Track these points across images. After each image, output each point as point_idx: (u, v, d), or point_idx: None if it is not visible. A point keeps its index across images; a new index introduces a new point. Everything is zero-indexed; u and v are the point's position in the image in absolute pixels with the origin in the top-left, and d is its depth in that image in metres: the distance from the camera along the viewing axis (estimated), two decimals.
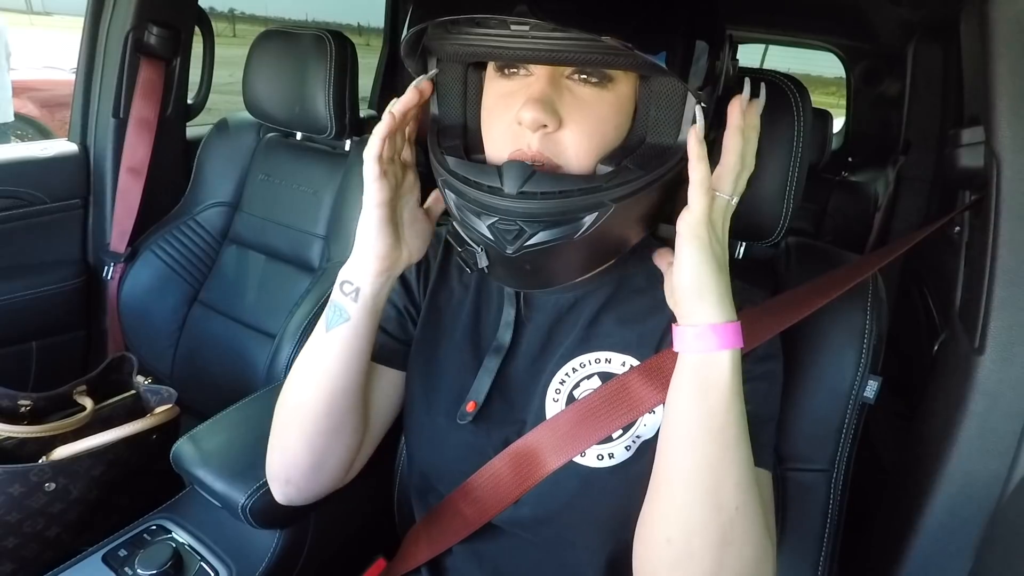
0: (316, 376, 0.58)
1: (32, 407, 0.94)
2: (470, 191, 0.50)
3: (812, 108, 0.63)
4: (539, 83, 0.49)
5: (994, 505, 0.64)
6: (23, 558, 0.82)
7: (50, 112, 3.66)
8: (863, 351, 0.63)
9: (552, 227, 0.48)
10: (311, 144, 1.30)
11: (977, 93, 0.70)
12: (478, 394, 0.60)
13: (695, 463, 0.47)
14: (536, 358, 0.60)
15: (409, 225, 0.58)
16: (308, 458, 0.60)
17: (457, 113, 0.58)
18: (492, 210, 0.49)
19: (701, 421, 0.47)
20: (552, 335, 0.60)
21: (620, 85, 0.50)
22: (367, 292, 0.56)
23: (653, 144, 0.51)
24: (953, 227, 0.95)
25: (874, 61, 2.52)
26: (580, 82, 0.50)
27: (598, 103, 0.50)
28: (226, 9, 19.27)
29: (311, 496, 0.64)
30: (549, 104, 0.48)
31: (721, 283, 0.48)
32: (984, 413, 0.63)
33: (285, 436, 0.61)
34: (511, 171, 0.48)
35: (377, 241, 0.55)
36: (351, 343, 0.57)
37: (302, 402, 0.59)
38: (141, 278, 1.31)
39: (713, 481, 0.47)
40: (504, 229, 0.49)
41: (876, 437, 1.13)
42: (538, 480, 0.56)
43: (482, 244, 0.52)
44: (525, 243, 0.49)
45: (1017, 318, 0.61)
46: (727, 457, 0.47)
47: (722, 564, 0.47)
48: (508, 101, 0.51)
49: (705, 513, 0.47)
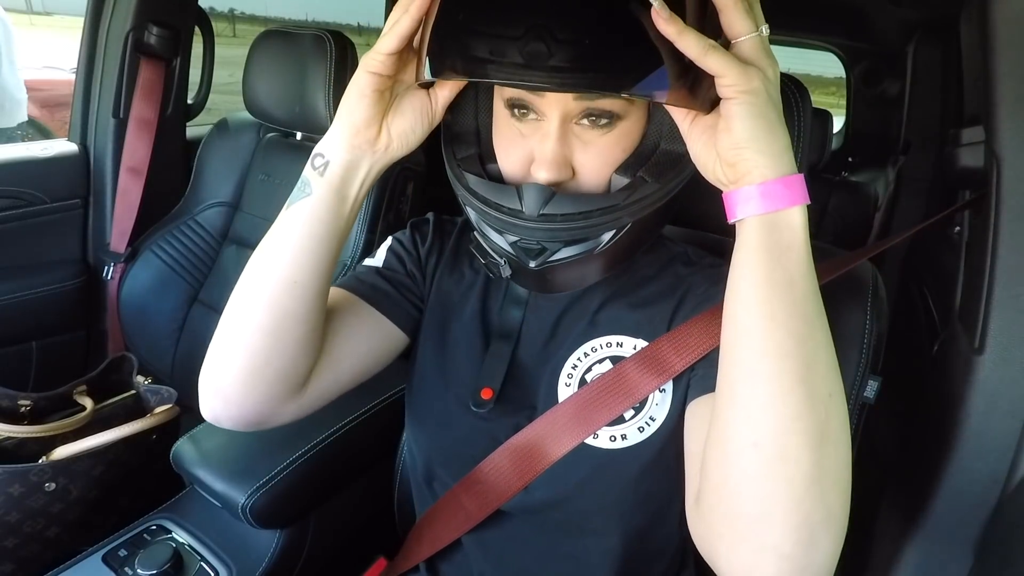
0: (265, 262, 0.53)
1: (32, 407, 0.94)
2: (490, 211, 0.51)
3: (812, 108, 0.63)
4: (551, 139, 0.49)
5: (994, 505, 0.64)
6: (23, 558, 0.82)
7: (50, 112, 3.65)
8: (863, 351, 0.63)
9: (572, 244, 0.50)
10: (311, 144, 1.29)
11: (977, 93, 0.70)
12: (494, 380, 0.60)
13: (780, 345, 0.40)
14: (546, 343, 0.61)
15: (396, 108, 0.53)
16: (244, 361, 0.53)
17: (469, 119, 0.58)
18: (513, 229, 0.50)
19: (781, 293, 0.40)
20: (561, 321, 0.61)
21: (630, 115, 0.51)
22: (336, 165, 0.52)
23: (667, 151, 0.52)
24: (953, 227, 0.95)
25: (874, 61, 2.52)
26: (588, 127, 0.50)
27: (607, 142, 0.51)
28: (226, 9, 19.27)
29: (243, 419, 0.56)
30: (562, 161, 0.50)
31: (781, 135, 0.42)
32: (984, 413, 0.63)
33: (223, 333, 0.55)
34: (530, 193, 0.49)
35: (357, 109, 0.51)
36: (309, 223, 0.52)
37: (247, 291, 0.54)
38: (141, 278, 1.31)
39: (802, 364, 0.40)
40: (525, 247, 0.51)
41: (876, 437, 1.13)
42: (539, 472, 0.56)
43: (504, 257, 0.54)
44: (548, 259, 0.51)
45: (1017, 318, 0.61)
46: (814, 334, 0.41)
47: (822, 466, 0.39)
48: (521, 141, 0.52)
49: (799, 400, 0.39)
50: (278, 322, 0.53)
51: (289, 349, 0.54)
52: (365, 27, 13.72)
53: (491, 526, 0.61)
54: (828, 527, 0.40)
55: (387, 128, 0.53)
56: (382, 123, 0.53)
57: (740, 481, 0.40)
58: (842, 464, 0.41)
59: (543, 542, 0.60)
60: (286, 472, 0.72)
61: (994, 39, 0.60)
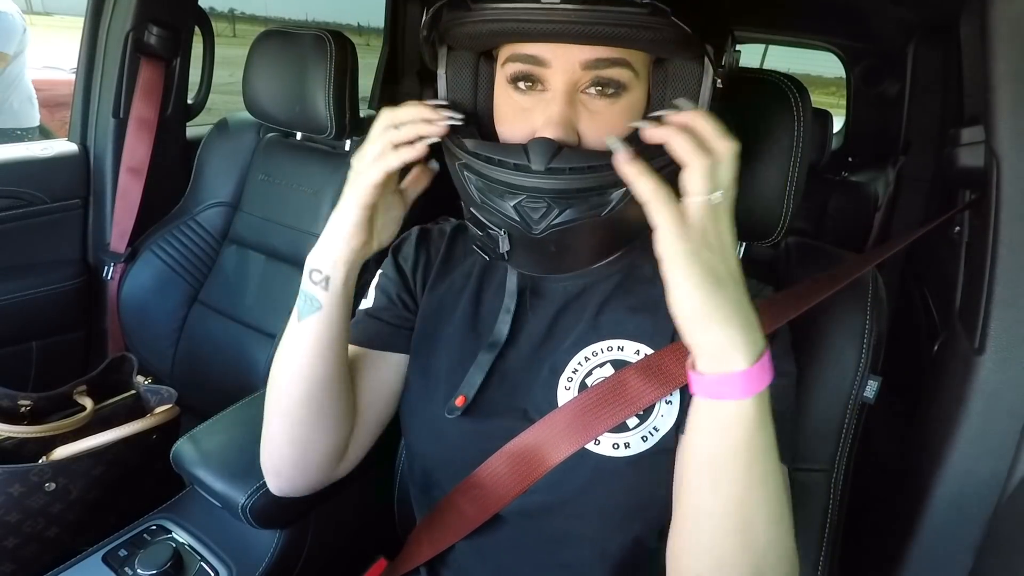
0: (292, 367, 0.58)
1: (32, 407, 0.94)
2: (494, 171, 0.49)
3: (812, 108, 0.63)
4: (556, 103, 0.49)
5: (994, 505, 0.64)
6: (23, 558, 0.82)
7: (50, 112, 3.65)
8: (863, 351, 0.63)
9: (579, 204, 0.48)
10: (311, 144, 1.30)
11: (977, 93, 0.70)
12: (469, 388, 0.60)
13: (720, 504, 0.44)
14: (540, 345, 0.60)
15: (383, 213, 0.57)
16: (291, 449, 0.60)
17: (467, 104, 0.57)
18: (519, 189, 0.48)
19: (724, 463, 0.43)
20: (558, 322, 0.60)
21: (634, 91, 0.51)
22: (337, 280, 0.55)
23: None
24: (953, 227, 0.95)
25: (874, 61, 2.52)
26: (596, 96, 0.50)
27: (613, 113, 0.50)
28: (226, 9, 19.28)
29: (303, 488, 0.64)
30: (567, 124, 0.49)
31: (726, 307, 0.41)
32: (984, 413, 0.63)
33: (270, 428, 0.61)
34: (538, 147, 0.47)
35: (353, 234, 0.53)
36: (324, 332, 0.56)
37: (281, 393, 0.59)
38: (141, 278, 1.31)
39: (741, 520, 0.44)
40: (531, 207, 0.48)
41: (876, 437, 1.13)
42: (538, 477, 0.56)
43: (505, 226, 0.51)
44: (553, 222, 0.48)
45: (1017, 318, 0.61)
46: (754, 496, 0.44)
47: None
48: (525, 115, 0.51)
49: (735, 552, 0.44)
50: (316, 414, 0.59)
51: (331, 428, 0.61)
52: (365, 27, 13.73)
53: (488, 533, 0.61)
54: None
55: (376, 234, 0.57)
56: (372, 232, 0.56)
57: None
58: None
59: (540, 550, 0.60)
60: None
61: (994, 39, 0.60)
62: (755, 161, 0.62)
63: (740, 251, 0.75)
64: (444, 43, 0.56)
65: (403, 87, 2.10)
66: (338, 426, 0.61)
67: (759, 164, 0.63)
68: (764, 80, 0.63)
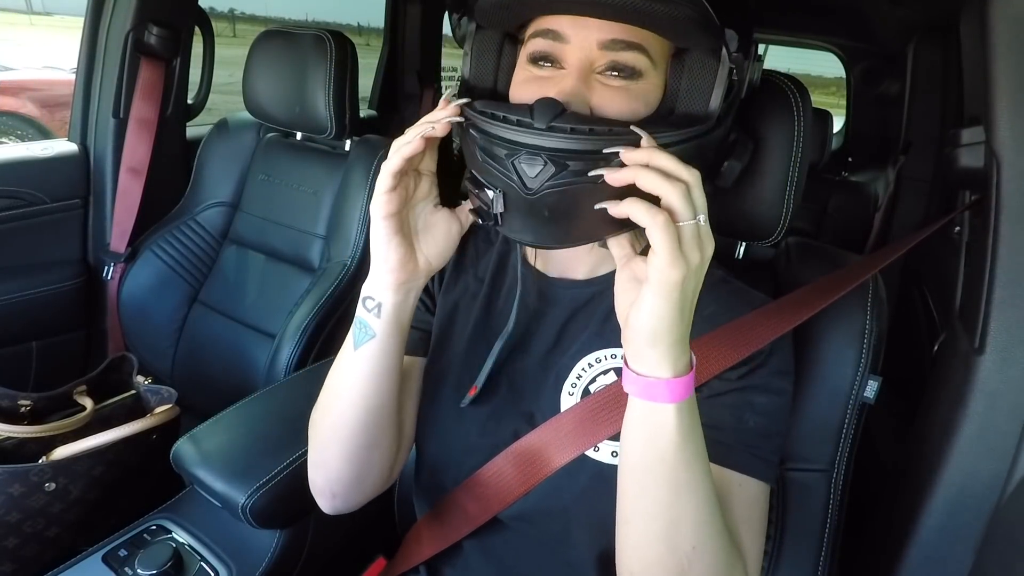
0: (350, 395, 0.57)
1: (32, 407, 0.94)
2: (497, 126, 0.48)
3: (812, 108, 0.63)
4: (570, 77, 0.50)
5: (994, 505, 0.64)
6: (23, 558, 0.82)
7: (50, 112, 3.66)
8: (863, 351, 0.63)
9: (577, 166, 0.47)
10: (311, 144, 1.30)
11: (977, 93, 0.70)
12: (479, 379, 0.60)
13: (646, 506, 0.47)
14: (549, 351, 0.60)
15: (425, 231, 0.56)
16: (350, 472, 0.60)
17: (488, 81, 0.58)
18: (519, 145, 0.47)
19: (650, 466, 0.46)
20: (567, 329, 0.60)
21: (649, 77, 0.51)
22: (388, 306, 0.54)
23: (683, 112, 0.52)
24: (953, 227, 0.95)
25: (874, 61, 2.52)
26: (610, 77, 0.50)
27: (628, 96, 0.50)
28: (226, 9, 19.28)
29: (357, 504, 0.65)
30: (579, 96, 0.49)
31: (679, 328, 0.44)
32: (984, 413, 0.63)
33: (325, 454, 0.60)
34: (542, 106, 0.47)
35: (389, 253, 0.52)
36: (380, 360, 0.56)
37: (338, 421, 0.58)
38: (141, 278, 1.31)
39: (666, 523, 0.46)
40: (528, 164, 0.48)
41: (876, 437, 1.13)
42: (542, 479, 0.56)
43: (502, 185, 0.50)
44: (546, 181, 0.47)
45: (1017, 318, 0.61)
46: (680, 501, 0.46)
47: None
48: (539, 83, 0.52)
49: (661, 552, 0.47)
50: (375, 437, 0.59)
51: (386, 447, 0.61)
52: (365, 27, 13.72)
53: (492, 531, 0.61)
54: None
55: (422, 254, 0.55)
56: (416, 252, 0.55)
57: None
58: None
59: (542, 549, 0.60)
60: (286, 472, 0.72)
61: (994, 39, 0.60)
62: (755, 161, 0.62)
63: (740, 251, 0.75)
64: (472, 19, 0.57)
65: (403, 87, 2.10)
66: (392, 443, 0.62)
67: (759, 164, 0.63)
68: (764, 80, 0.63)
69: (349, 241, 1.16)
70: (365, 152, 1.18)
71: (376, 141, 1.21)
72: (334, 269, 1.15)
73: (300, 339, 1.09)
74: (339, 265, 1.16)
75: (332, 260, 1.18)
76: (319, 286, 1.14)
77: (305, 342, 1.09)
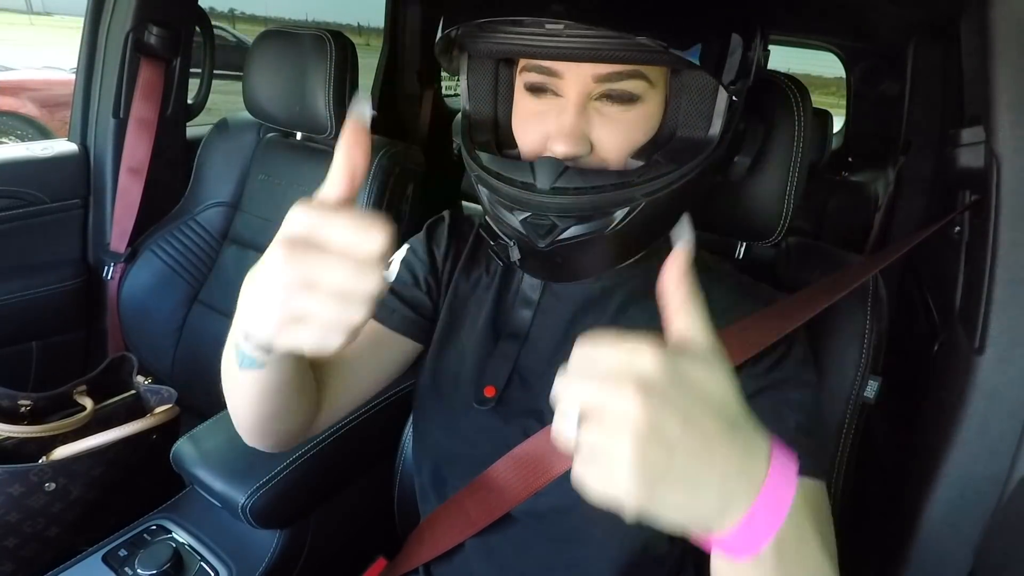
0: (236, 398, 0.51)
1: (32, 407, 0.94)
2: (503, 187, 0.50)
3: (812, 108, 0.63)
4: (568, 113, 0.50)
5: (994, 505, 0.64)
6: (23, 558, 0.82)
7: (50, 112, 3.65)
8: (863, 351, 0.63)
9: (583, 221, 0.49)
10: (311, 144, 1.30)
11: (977, 93, 0.70)
12: (497, 379, 0.60)
13: None
14: (558, 346, 0.60)
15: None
16: (260, 429, 0.55)
17: (488, 108, 0.58)
18: (525, 205, 0.49)
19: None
20: (575, 324, 0.60)
21: (649, 99, 0.51)
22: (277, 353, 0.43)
23: (684, 138, 0.52)
24: (953, 227, 0.95)
25: (874, 61, 2.52)
26: (608, 103, 0.50)
27: (627, 121, 0.50)
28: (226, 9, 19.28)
29: (286, 446, 0.60)
30: (579, 135, 0.50)
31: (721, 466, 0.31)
32: (984, 413, 0.63)
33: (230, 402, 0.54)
34: (544, 167, 0.48)
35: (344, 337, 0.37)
36: (270, 383, 0.47)
37: (233, 405, 0.53)
38: (141, 278, 1.31)
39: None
40: (536, 224, 0.50)
41: (876, 437, 1.13)
42: (545, 483, 0.56)
43: (514, 238, 0.53)
44: (557, 237, 0.49)
45: (1017, 318, 0.61)
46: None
47: None
48: (540, 119, 0.52)
49: None
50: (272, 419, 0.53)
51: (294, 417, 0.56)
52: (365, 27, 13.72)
53: (495, 531, 0.61)
54: None
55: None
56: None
57: None
58: None
59: (546, 549, 0.60)
60: (286, 472, 0.72)
61: (994, 39, 0.60)
62: (756, 160, 0.62)
63: (740, 251, 0.75)
64: (464, 51, 0.57)
65: (403, 87, 2.10)
66: (309, 406, 0.57)
67: (760, 164, 0.63)
68: (764, 80, 0.63)
69: None
70: None
71: (376, 141, 1.21)
72: None
73: None
74: None
75: None
76: None
77: None
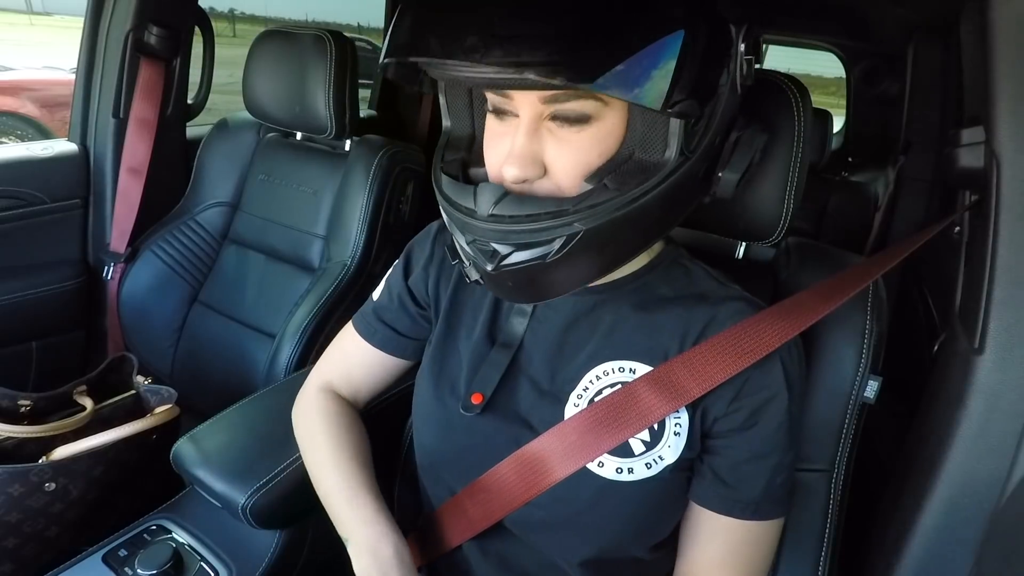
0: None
1: (32, 407, 0.94)
2: (452, 210, 0.51)
3: (812, 108, 0.63)
4: (520, 135, 0.49)
5: (994, 505, 0.64)
6: (23, 558, 0.82)
7: (50, 112, 3.65)
8: (863, 351, 0.63)
9: (523, 249, 0.48)
10: (311, 144, 1.30)
11: (977, 93, 0.70)
12: (485, 386, 0.60)
13: None
14: (551, 358, 0.60)
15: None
16: None
17: (465, 125, 0.59)
18: (469, 230, 0.50)
19: None
20: (568, 337, 0.60)
21: (604, 118, 0.48)
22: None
23: (639, 160, 0.49)
24: (953, 227, 0.95)
25: (874, 61, 2.52)
26: (560, 124, 0.48)
27: (580, 142, 0.48)
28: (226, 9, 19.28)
29: None
30: (530, 158, 0.49)
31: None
32: (984, 413, 0.63)
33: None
34: (484, 192, 0.49)
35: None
36: None
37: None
38: (141, 278, 1.31)
39: None
40: (480, 249, 0.50)
41: (876, 437, 1.13)
42: (545, 487, 0.56)
43: (468, 260, 0.53)
44: (501, 262, 0.49)
45: (1017, 318, 0.61)
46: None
47: None
48: (500, 140, 0.52)
49: None
50: None
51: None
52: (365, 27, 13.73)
53: (493, 535, 0.61)
54: None
55: None
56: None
57: None
58: None
59: (542, 554, 0.61)
60: (286, 472, 0.72)
61: (994, 39, 0.60)
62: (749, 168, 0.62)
63: (740, 251, 0.75)
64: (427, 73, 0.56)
65: (403, 87, 2.10)
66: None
67: (759, 164, 0.63)
68: (764, 80, 0.63)
69: (349, 241, 1.16)
70: (365, 152, 1.18)
71: (376, 141, 1.21)
72: (334, 269, 1.16)
73: (300, 339, 1.09)
74: (339, 265, 1.16)
75: (332, 260, 1.18)
76: (319, 286, 1.14)
77: (305, 342, 1.09)
